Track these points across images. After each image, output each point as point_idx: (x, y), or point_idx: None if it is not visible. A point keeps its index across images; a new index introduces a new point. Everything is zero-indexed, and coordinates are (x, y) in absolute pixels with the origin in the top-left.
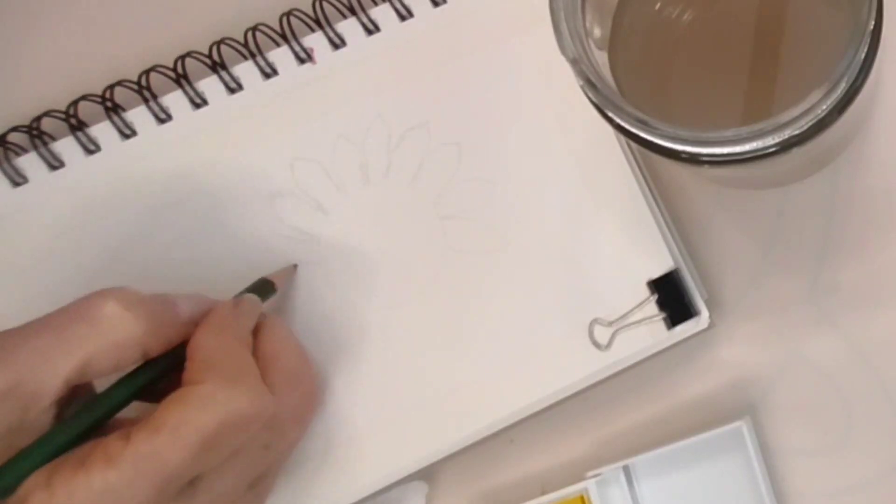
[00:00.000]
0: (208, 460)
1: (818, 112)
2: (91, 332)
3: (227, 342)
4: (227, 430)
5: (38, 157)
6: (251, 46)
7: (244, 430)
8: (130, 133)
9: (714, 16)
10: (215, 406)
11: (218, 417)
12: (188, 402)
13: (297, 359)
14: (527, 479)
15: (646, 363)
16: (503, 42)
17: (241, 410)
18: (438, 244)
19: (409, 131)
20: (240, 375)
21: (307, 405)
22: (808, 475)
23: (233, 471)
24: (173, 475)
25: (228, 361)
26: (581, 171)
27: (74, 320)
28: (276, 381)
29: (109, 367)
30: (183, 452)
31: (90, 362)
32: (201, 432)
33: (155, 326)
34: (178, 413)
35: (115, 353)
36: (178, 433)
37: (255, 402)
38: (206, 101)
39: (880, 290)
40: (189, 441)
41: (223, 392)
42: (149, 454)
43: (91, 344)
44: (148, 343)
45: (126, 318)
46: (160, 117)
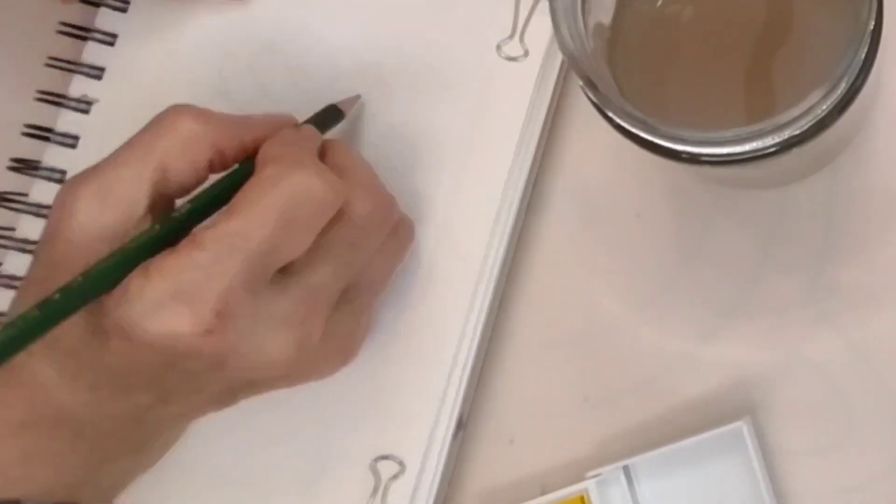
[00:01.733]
0: (289, 239)
1: (818, 112)
2: (161, 134)
3: (292, 148)
4: (300, 205)
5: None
6: None
7: (317, 208)
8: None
9: (714, 16)
10: (283, 182)
11: (288, 191)
12: (259, 184)
13: (369, 171)
14: (527, 479)
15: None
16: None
17: (310, 184)
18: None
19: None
20: (306, 160)
21: (387, 213)
22: (808, 475)
23: (323, 263)
24: (258, 251)
25: (293, 153)
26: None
27: (146, 131)
28: (351, 185)
29: (185, 166)
30: (262, 229)
31: (166, 162)
32: (275, 206)
33: (223, 125)
34: (250, 194)
35: (185, 149)
36: (253, 210)
37: (324, 180)
38: None
39: (880, 290)
40: (265, 217)
41: (290, 171)
42: (230, 233)
43: (163, 143)
44: (218, 140)
45: (193, 117)
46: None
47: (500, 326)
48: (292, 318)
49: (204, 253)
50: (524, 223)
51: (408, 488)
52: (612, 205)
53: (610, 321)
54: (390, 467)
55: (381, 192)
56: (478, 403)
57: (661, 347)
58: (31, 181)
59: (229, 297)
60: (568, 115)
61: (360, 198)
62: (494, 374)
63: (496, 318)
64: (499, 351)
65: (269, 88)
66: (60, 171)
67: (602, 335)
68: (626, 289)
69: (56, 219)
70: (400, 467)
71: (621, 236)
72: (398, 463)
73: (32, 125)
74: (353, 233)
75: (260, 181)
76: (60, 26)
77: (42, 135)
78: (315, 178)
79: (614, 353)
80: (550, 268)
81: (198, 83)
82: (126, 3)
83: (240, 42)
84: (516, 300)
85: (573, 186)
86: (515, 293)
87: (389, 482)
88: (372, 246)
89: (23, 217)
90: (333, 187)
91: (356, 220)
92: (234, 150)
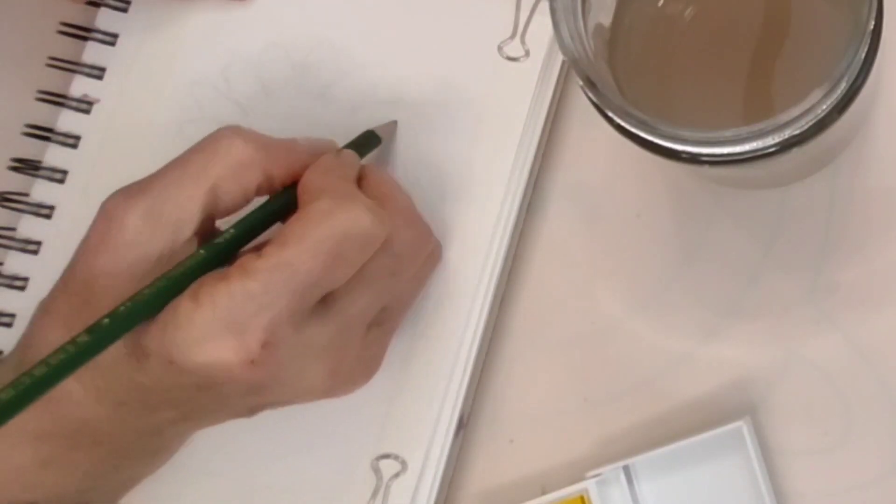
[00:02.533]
0: (336, 272)
1: (818, 112)
2: (214, 157)
3: (333, 178)
4: (349, 240)
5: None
6: None
7: (365, 242)
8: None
9: (714, 16)
10: (336, 217)
11: (338, 227)
12: (309, 217)
13: (406, 199)
14: (527, 479)
15: (645, 362)
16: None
17: (359, 221)
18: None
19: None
20: (353, 195)
21: (424, 241)
22: (808, 475)
23: (363, 294)
24: (305, 283)
25: (338, 188)
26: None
27: (199, 152)
28: (392, 215)
29: (236, 190)
30: (311, 262)
31: (218, 185)
32: (325, 241)
33: (273, 150)
34: (301, 226)
35: (237, 173)
36: (303, 244)
37: (371, 216)
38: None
39: (880, 290)
40: (315, 250)
41: (341, 206)
42: (280, 264)
43: (215, 167)
44: (268, 165)
45: (244, 143)
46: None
47: (501, 326)
48: (330, 347)
49: (254, 283)
50: (524, 223)
51: (409, 487)
52: (612, 205)
53: (610, 321)
54: (392, 466)
55: (419, 220)
56: (478, 403)
57: (661, 347)
58: (32, 181)
59: (275, 328)
60: (568, 115)
61: (402, 228)
62: (495, 374)
63: (496, 318)
64: (499, 351)
65: (270, 87)
66: (61, 171)
67: (602, 335)
68: (626, 289)
69: (102, 231)
70: (401, 466)
71: (621, 236)
72: (399, 462)
73: (33, 125)
74: (394, 262)
75: (312, 213)
76: (61, 26)
77: (42, 135)
78: (365, 214)
79: (614, 353)
80: (550, 268)
81: (199, 83)
82: (126, 2)
83: (241, 41)
84: (516, 300)
85: (573, 186)
86: (516, 293)
87: (391, 481)
88: (410, 273)
89: (23, 217)
90: (381, 222)
91: (397, 250)
92: (281, 175)
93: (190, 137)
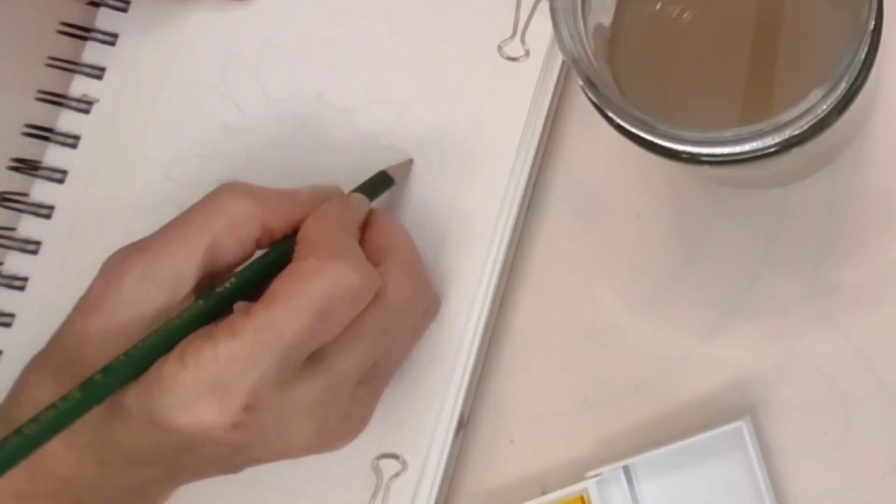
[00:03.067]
0: (323, 331)
1: (818, 112)
2: (211, 215)
3: (331, 228)
4: (337, 300)
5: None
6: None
7: (353, 300)
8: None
9: (714, 16)
10: (322, 276)
11: (325, 286)
12: (296, 275)
13: (409, 251)
14: (527, 479)
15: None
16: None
17: (348, 280)
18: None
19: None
20: (343, 251)
21: (422, 298)
22: (808, 475)
23: (353, 350)
24: (292, 344)
25: (332, 241)
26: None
27: (197, 211)
28: (390, 270)
29: (234, 245)
30: (297, 322)
31: (215, 243)
32: (312, 301)
33: (273, 203)
34: (288, 286)
35: (234, 229)
36: (290, 303)
37: (361, 274)
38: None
39: (880, 290)
40: (301, 310)
41: (328, 263)
42: (266, 324)
43: (215, 224)
44: (267, 218)
45: (241, 198)
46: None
47: (501, 326)
48: (316, 405)
49: (239, 343)
50: (524, 223)
51: (409, 487)
52: (612, 205)
53: (610, 321)
54: (392, 466)
55: (419, 275)
56: (478, 403)
57: (661, 347)
58: (32, 181)
59: (259, 390)
60: (568, 115)
61: (399, 283)
62: (495, 374)
63: (497, 318)
64: (499, 351)
65: (270, 88)
66: (61, 170)
67: (602, 335)
68: (626, 289)
69: (100, 289)
70: (401, 466)
71: (621, 236)
72: (400, 462)
73: (32, 125)
74: (388, 319)
75: (298, 272)
76: (60, 26)
77: (42, 135)
78: (352, 273)
79: (614, 353)
80: (550, 268)
81: (197, 83)
82: (126, 2)
83: (241, 41)
84: (517, 300)
85: (573, 186)
86: (516, 293)
87: (391, 481)
88: (404, 330)
89: (23, 217)
90: (371, 279)
91: (392, 306)
92: (281, 227)
93: (189, 137)
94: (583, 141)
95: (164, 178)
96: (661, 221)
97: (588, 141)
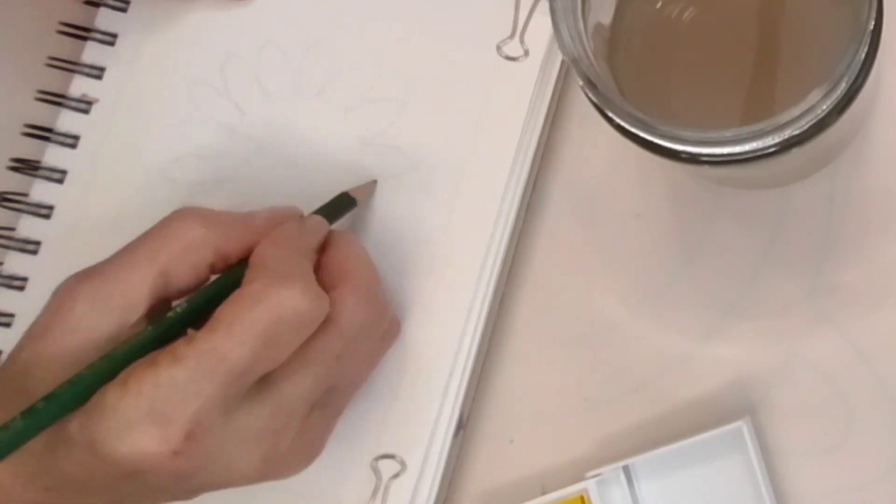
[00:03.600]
0: (268, 357)
1: (818, 112)
2: (164, 241)
3: (284, 251)
4: (282, 325)
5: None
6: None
7: (299, 325)
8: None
9: (714, 16)
10: (267, 301)
11: (269, 311)
12: (242, 300)
13: (366, 274)
14: (527, 479)
15: (645, 362)
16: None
17: (294, 305)
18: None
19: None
20: (291, 275)
21: (378, 322)
22: (808, 475)
23: (304, 376)
24: (235, 370)
25: (282, 265)
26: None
27: (150, 236)
28: (344, 294)
29: (187, 270)
30: (241, 348)
31: (167, 268)
32: (256, 327)
33: (227, 228)
34: (232, 311)
35: (187, 255)
36: (233, 329)
37: (308, 298)
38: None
39: (880, 290)
40: (245, 336)
41: (273, 288)
42: (209, 351)
43: (167, 249)
44: (221, 243)
45: (194, 223)
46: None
47: (501, 326)
48: (264, 432)
49: (181, 370)
50: (524, 223)
51: (408, 488)
52: (612, 205)
53: (610, 321)
54: (391, 466)
55: (376, 298)
56: (478, 403)
57: (661, 347)
58: (31, 181)
59: (202, 418)
60: (568, 115)
61: (353, 306)
62: (494, 374)
63: (496, 318)
64: (499, 351)
65: (269, 87)
66: (60, 171)
67: (602, 335)
68: (625, 289)
69: (49, 316)
70: (401, 466)
71: (621, 236)
72: (399, 462)
73: (32, 125)
74: (340, 344)
75: (243, 297)
76: (60, 26)
77: (42, 135)
78: (299, 297)
79: (614, 353)
80: (550, 268)
81: (197, 82)
82: (126, 2)
83: (240, 41)
84: (516, 300)
85: (573, 186)
86: (515, 293)
87: (390, 481)
88: (359, 355)
89: (23, 217)
90: (317, 305)
91: (345, 331)
92: (236, 251)
93: (188, 137)
94: (583, 141)
95: (164, 178)
96: (661, 221)
97: (588, 141)
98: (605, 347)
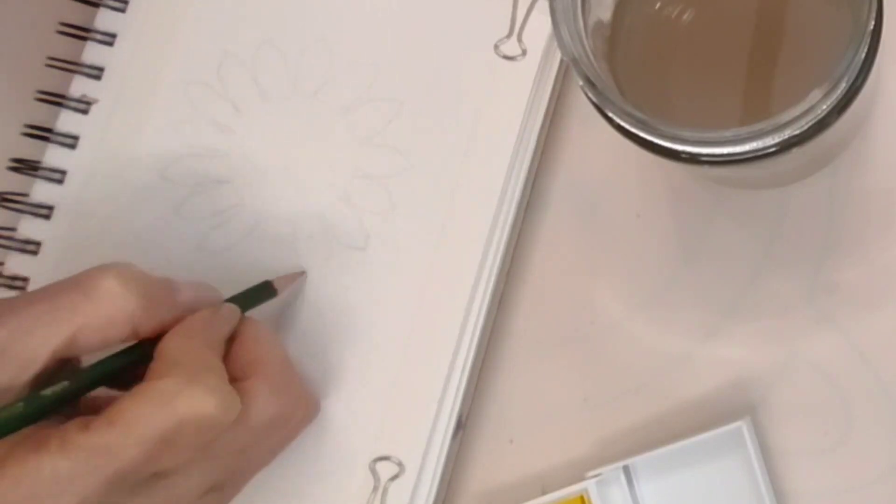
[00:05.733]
0: (166, 458)
1: (818, 112)
2: (84, 302)
3: (194, 345)
4: (186, 430)
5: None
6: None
7: (206, 429)
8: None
9: (714, 16)
10: (173, 403)
11: (176, 416)
12: (147, 398)
13: (278, 363)
14: (527, 479)
15: (645, 362)
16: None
17: (203, 408)
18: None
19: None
20: (203, 374)
21: (291, 411)
22: (808, 475)
23: (200, 470)
24: (125, 470)
25: (193, 361)
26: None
27: (71, 290)
28: (255, 387)
29: (97, 341)
30: (136, 449)
31: (79, 334)
32: (157, 429)
33: (150, 306)
34: (135, 408)
35: (104, 327)
36: (131, 429)
37: (218, 401)
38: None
39: (880, 290)
40: (143, 438)
41: (183, 389)
42: (101, 447)
43: (82, 315)
44: (140, 321)
45: (121, 293)
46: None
47: (500, 326)
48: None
49: (67, 463)
50: (523, 223)
51: (407, 489)
52: (612, 205)
53: (610, 321)
54: (389, 468)
55: (288, 388)
56: (478, 403)
57: (661, 347)
58: (31, 181)
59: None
60: (567, 115)
61: (264, 401)
62: (494, 374)
63: (496, 318)
64: (499, 351)
65: (266, 87)
66: (60, 171)
67: (602, 335)
68: (626, 289)
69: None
70: (399, 468)
71: (621, 236)
72: (397, 464)
73: (32, 125)
74: (247, 437)
75: (149, 394)
76: (60, 26)
77: (42, 135)
78: (209, 401)
79: (614, 353)
80: (550, 268)
81: (195, 83)
82: (125, 3)
83: (237, 41)
84: (516, 300)
85: (573, 186)
86: (515, 293)
87: (389, 483)
88: (263, 448)
89: (23, 217)
90: (228, 407)
91: (254, 426)
92: (151, 330)
93: (186, 137)
94: (582, 141)
95: (162, 179)
96: (661, 221)
97: (587, 141)
98: (605, 347)
